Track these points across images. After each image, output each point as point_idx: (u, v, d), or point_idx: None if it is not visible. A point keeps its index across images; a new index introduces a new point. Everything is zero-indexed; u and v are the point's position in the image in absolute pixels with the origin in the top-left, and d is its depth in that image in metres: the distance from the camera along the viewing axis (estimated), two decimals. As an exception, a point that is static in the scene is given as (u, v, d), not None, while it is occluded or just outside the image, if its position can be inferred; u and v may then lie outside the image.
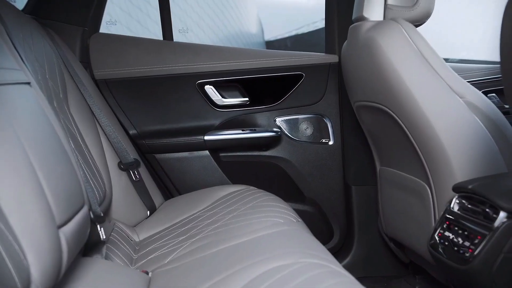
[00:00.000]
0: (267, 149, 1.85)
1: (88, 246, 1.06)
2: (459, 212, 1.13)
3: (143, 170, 1.61)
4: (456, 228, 1.12)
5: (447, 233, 1.14)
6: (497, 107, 1.27)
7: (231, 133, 1.80)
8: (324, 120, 1.85)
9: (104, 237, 1.09)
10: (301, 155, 1.85)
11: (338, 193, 1.88)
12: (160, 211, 1.55)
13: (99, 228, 1.08)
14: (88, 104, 1.47)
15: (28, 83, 0.91)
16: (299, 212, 1.45)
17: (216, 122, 1.83)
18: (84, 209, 0.92)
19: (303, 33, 9.42)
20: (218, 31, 9.61)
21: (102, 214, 1.11)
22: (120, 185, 1.45)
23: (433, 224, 1.26)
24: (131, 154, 1.54)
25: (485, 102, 1.25)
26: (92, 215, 1.05)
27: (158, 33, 1.91)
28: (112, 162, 1.46)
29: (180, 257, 1.11)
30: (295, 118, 1.85)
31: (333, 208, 1.88)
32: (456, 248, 1.09)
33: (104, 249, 1.09)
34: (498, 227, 1.00)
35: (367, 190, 1.80)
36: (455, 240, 1.10)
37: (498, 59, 0.81)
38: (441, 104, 1.22)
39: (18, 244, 0.65)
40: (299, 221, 1.31)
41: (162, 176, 1.83)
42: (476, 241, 1.04)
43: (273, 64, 1.82)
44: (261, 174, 1.87)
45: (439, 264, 1.18)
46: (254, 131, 1.80)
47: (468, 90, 1.25)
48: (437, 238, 1.17)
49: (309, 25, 9.17)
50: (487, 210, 1.03)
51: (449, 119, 1.21)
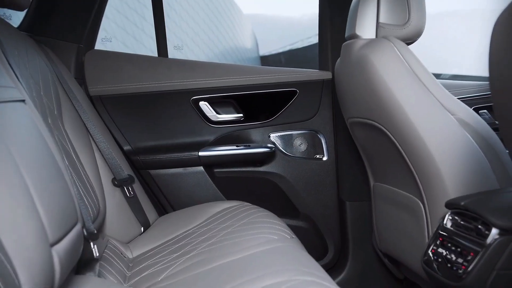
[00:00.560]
0: (261, 165, 1.85)
1: (81, 264, 1.05)
2: (452, 229, 1.13)
3: (137, 186, 1.60)
4: (449, 245, 1.12)
5: (441, 250, 1.14)
6: (488, 124, 1.28)
7: (226, 149, 1.81)
8: (318, 136, 1.86)
9: (98, 254, 1.07)
10: (295, 171, 1.85)
11: (332, 209, 1.88)
12: (154, 228, 1.54)
13: (92, 245, 1.06)
14: (83, 120, 1.47)
15: (23, 101, 0.91)
16: (293, 228, 1.45)
17: (211, 138, 1.84)
18: (78, 227, 0.91)
19: (297, 48, 9.51)
20: (213, 47, 9.67)
21: (96, 231, 1.10)
22: (114, 202, 1.44)
23: (427, 240, 1.26)
24: (125, 170, 1.54)
25: (476, 119, 1.26)
26: (86, 232, 1.04)
27: (154, 48, 1.92)
28: (106, 178, 1.46)
29: (174, 274, 1.10)
30: (289, 134, 1.86)
31: (328, 224, 1.88)
32: (450, 265, 1.09)
33: (97, 267, 1.08)
34: (491, 244, 1.00)
35: (361, 206, 1.80)
36: (449, 257, 1.11)
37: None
38: (433, 121, 1.24)
39: (10, 264, 0.64)
40: (293, 237, 1.31)
41: (156, 192, 1.82)
42: (469, 258, 1.04)
43: (268, 81, 1.83)
44: (256, 190, 1.87)
45: (433, 281, 1.18)
46: (249, 147, 1.80)
47: (459, 107, 1.26)
48: (431, 254, 1.17)
49: (303, 41, 9.25)
50: (480, 227, 1.04)
51: (441, 136, 1.22)
